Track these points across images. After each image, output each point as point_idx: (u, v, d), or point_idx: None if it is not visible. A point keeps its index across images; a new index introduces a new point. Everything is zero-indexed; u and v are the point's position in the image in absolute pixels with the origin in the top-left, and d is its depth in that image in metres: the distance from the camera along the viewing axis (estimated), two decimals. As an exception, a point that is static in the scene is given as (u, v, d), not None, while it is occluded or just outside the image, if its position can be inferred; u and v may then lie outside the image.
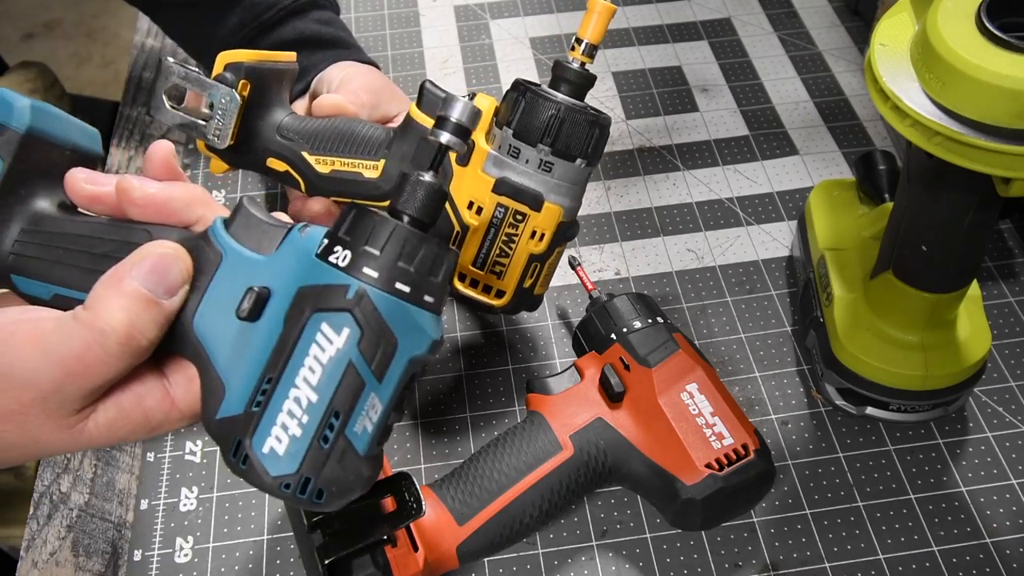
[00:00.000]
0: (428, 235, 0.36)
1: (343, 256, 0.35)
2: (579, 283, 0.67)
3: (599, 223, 0.73)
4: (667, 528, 0.56)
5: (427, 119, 0.54)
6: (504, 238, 0.53)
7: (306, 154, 0.58)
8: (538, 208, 0.52)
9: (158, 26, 0.81)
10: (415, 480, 0.47)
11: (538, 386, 0.56)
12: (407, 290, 0.35)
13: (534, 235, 0.53)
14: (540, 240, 0.53)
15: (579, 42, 0.52)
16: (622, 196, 0.75)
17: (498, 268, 0.54)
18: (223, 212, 0.40)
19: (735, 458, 0.51)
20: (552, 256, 0.55)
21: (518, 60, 0.86)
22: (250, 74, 0.57)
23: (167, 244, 0.38)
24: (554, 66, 0.53)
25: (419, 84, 0.55)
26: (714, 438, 0.51)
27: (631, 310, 0.57)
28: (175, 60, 0.56)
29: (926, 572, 0.54)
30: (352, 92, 0.62)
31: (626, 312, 0.57)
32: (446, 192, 0.37)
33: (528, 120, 0.51)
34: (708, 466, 0.51)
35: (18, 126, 0.40)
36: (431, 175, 0.37)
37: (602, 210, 0.73)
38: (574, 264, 0.63)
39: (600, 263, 0.70)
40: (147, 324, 0.36)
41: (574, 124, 0.51)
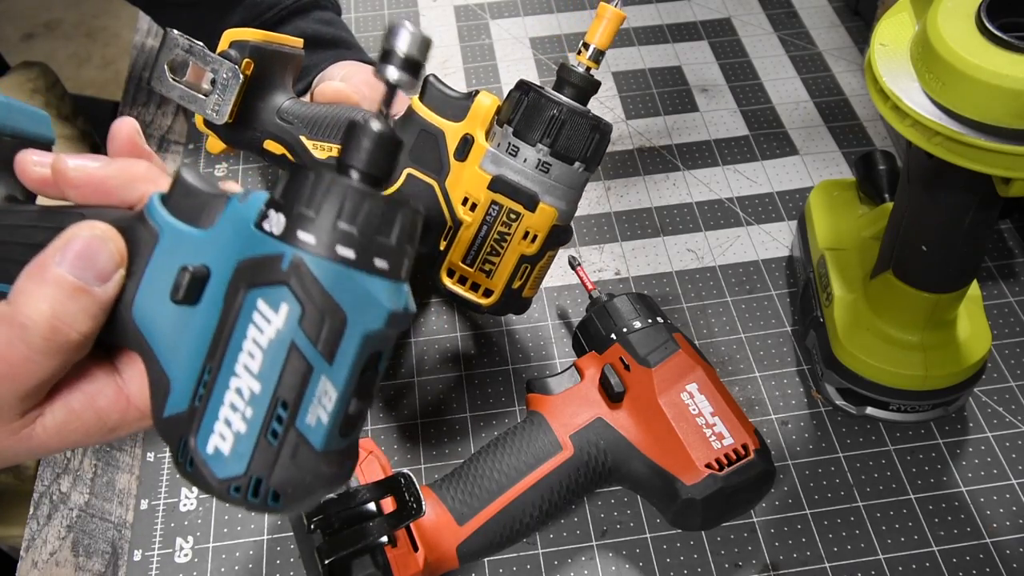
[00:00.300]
0: (376, 191, 0.31)
1: (277, 221, 0.31)
2: (579, 283, 0.67)
3: (599, 223, 0.73)
4: (667, 528, 0.56)
5: (429, 112, 0.54)
6: (496, 236, 0.53)
7: (304, 138, 0.57)
8: (532, 208, 0.52)
9: (159, 26, 0.81)
10: (415, 480, 0.47)
11: (538, 386, 0.56)
12: (351, 255, 0.30)
13: (527, 236, 0.53)
14: (532, 241, 0.53)
15: (586, 47, 0.52)
16: (622, 196, 0.75)
17: (488, 267, 0.54)
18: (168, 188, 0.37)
19: (735, 458, 0.51)
20: (543, 259, 0.55)
21: (518, 60, 0.86)
22: (254, 53, 0.56)
23: (95, 225, 0.34)
24: (559, 69, 0.53)
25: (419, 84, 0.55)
26: (714, 438, 0.51)
27: (631, 310, 0.57)
28: (180, 32, 0.56)
29: (926, 572, 0.54)
30: (354, 85, 0.62)
31: (626, 312, 0.57)
32: (399, 140, 0.33)
33: (529, 119, 0.51)
34: (708, 466, 0.51)
35: None
36: (380, 120, 0.32)
37: (602, 210, 0.73)
38: (574, 264, 0.63)
39: (600, 263, 0.70)
40: (76, 315, 0.32)
41: (575, 127, 0.51)
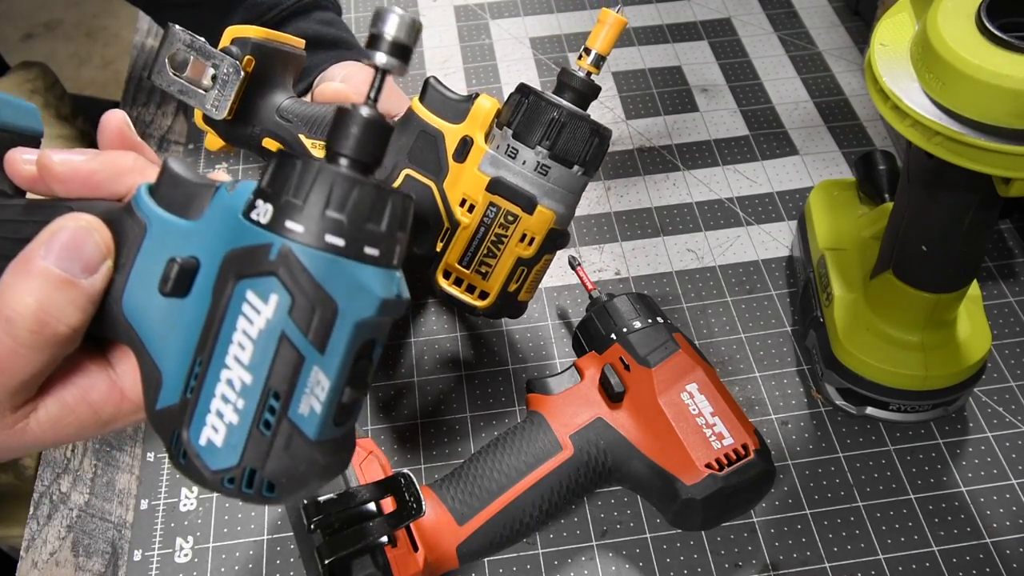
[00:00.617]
0: (365, 178, 0.31)
1: (264, 211, 0.30)
2: (579, 283, 0.67)
3: (599, 223, 0.73)
4: (667, 528, 0.56)
5: (428, 114, 0.54)
6: (493, 238, 0.53)
7: (303, 137, 0.57)
8: (530, 211, 0.52)
9: (160, 26, 0.81)
10: (415, 480, 0.47)
11: (538, 386, 0.56)
12: (340, 243, 0.30)
13: (524, 238, 0.53)
14: (529, 244, 0.53)
15: (587, 52, 0.52)
16: (622, 196, 0.75)
17: (484, 269, 0.54)
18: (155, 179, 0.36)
19: (735, 458, 0.51)
20: (540, 263, 0.55)
21: (518, 60, 0.86)
22: (256, 50, 0.56)
23: (80, 217, 0.34)
24: (560, 73, 0.53)
25: (420, 83, 0.55)
26: (714, 438, 0.51)
27: (631, 310, 0.57)
28: (182, 28, 0.56)
29: (926, 572, 0.54)
30: (354, 86, 0.62)
31: (626, 312, 0.57)
32: (390, 126, 0.32)
33: (529, 122, 0.51)
34: (708, 466, 0.51)
35: None
36: (369, 106, 0.32)
37: (602, 210, 0.73)
38: (574, 264, 0.63)
39: (600, 263, 0.70)
40: (63, 307, 0.32)
41: (575, 130, 0.51)
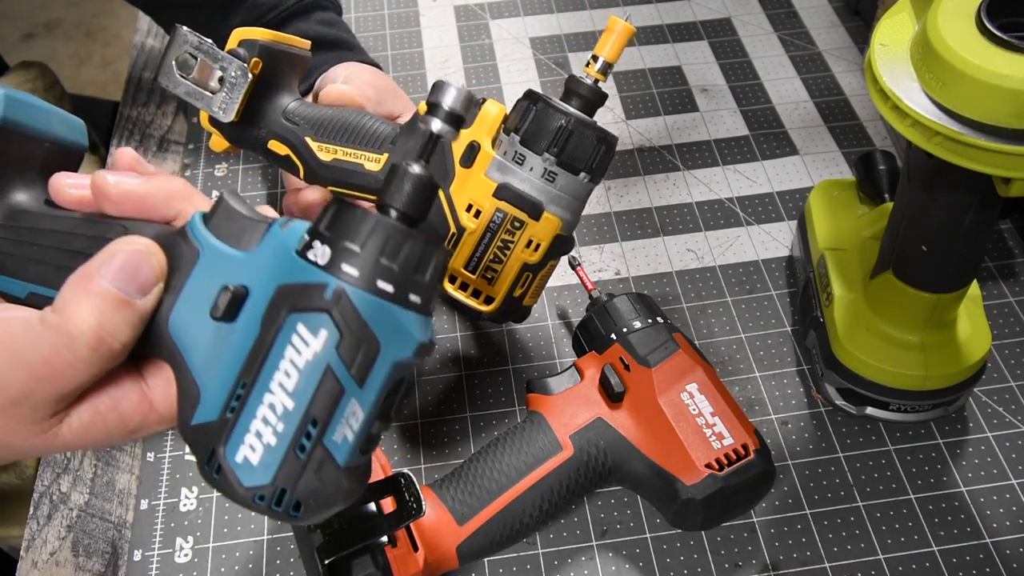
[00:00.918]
0: (415, 231, 0.33)
1: (322, 253, 0.33)
2: (579, 283, 0.67)
3: (599, 223, 0.73)
4: (667, 528, 0.56)
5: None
6: (499, 244, 0.53)
7: (309, 140, 0.58)
8: (537, 217, 0.52)
9: (160, 27, 0.81)
10: (415, 480, 0.47)
11: (538, 386, 0.56)
12: (390, 289, 0.32)
13: (530, 244, 0.53)
14: (535, 250, 0.53)
15: (595, 59, 0.52)
16: (622, 196, 0.75)
17: (490, 274, 0.54)
18: (206, 206, 0.38)
19: (735, 458, 0.51)
20: (545, 268, 0.55)
21: (518, 60, 0.86)
22: (263, 53, 0.56)
23: (138, 240, 0.36)
24: (568, 80, 0.53)
25: (420, 83, 0.55)
26: (714, 438, 0.51)
27: (631, 310, 0.57)
28: (189, 29, 0.55)
29: (926, 572, 0.54)
30: (358, 87, 0.62)
31: (626, 312, 0.57)
32: (437, 184, 0.35)
33: (537, 128, 0.51)
34: (708, 466, 0.51)
35: None
36: (420, 166, 0.34)
37: (602, 210, 0.73)
38: (574, 264, 0.63)
39: (600, 263, 0.70)
40: (118, 326, 0.34)
41: (582, 137, 0.51)
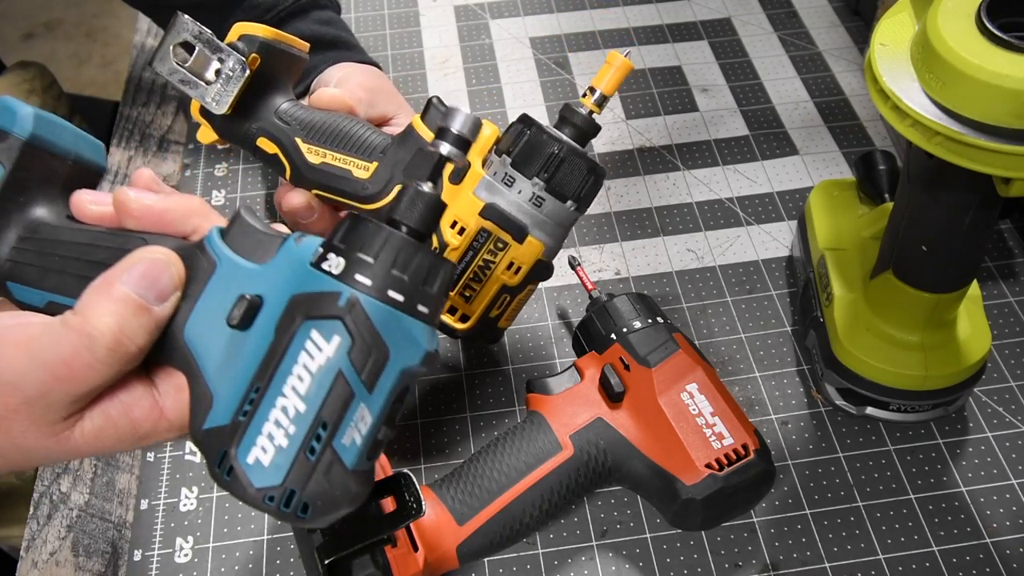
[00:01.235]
0: (424, 245, 0.35)
1: (336, 263, 0.34)
2: (579, 283, 0.67)
3: (599, 223, 0.73)
4: (667, 528, 0.56)
5: (428, 132, 0.55)
6: (481, 263, 0.53)
7: (300, 140, 0.57)
8: (521, 239, 0.53)
9: (160, 27, 0.81)
10: (415, 480, 0.47)
11: (538, 386, 0.56)
12: (400, 299, 0.34)
13: (511, 266, 0.53)
14: (516, 273, 0.54)
15: (592, 91, 0.53)
16: (622, 196, 0.75)
17: (468, 292, 0.54)
18: (222, 223, 0.40)
19: (735, 458, 0.51)
20: (523, 292, 0.56)
21: (518, 60, 0.86)
22: (262, 49, 0.56)
23: (159, 250, 0.37)
24: (563, 108, 0.54)
25: (420, 83, 0.55)
26: (714, 438, 0.51)
27: (631, 310, 0.57)
28: (190, 18, 0.55)
29: (926, 572, 0.54)
30: (349, 89, 0.62)
31: (626, 312, 0.57)
32: (444, 204, 0.36)
33: (529, 152, 0.52)
34: (708, 466, 0.51)
35: (20, 133, 0.40)
36: (430, 186, 0.36)
37: (602, 210, 0.73)
38: (574, 264, 0.63)
39: (600, 263, 0.70)
40: (136, 330, 0.35)
41: (573, 166, 0.52)
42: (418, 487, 0.46)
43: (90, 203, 0.41)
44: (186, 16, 0.55)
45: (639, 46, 0.87)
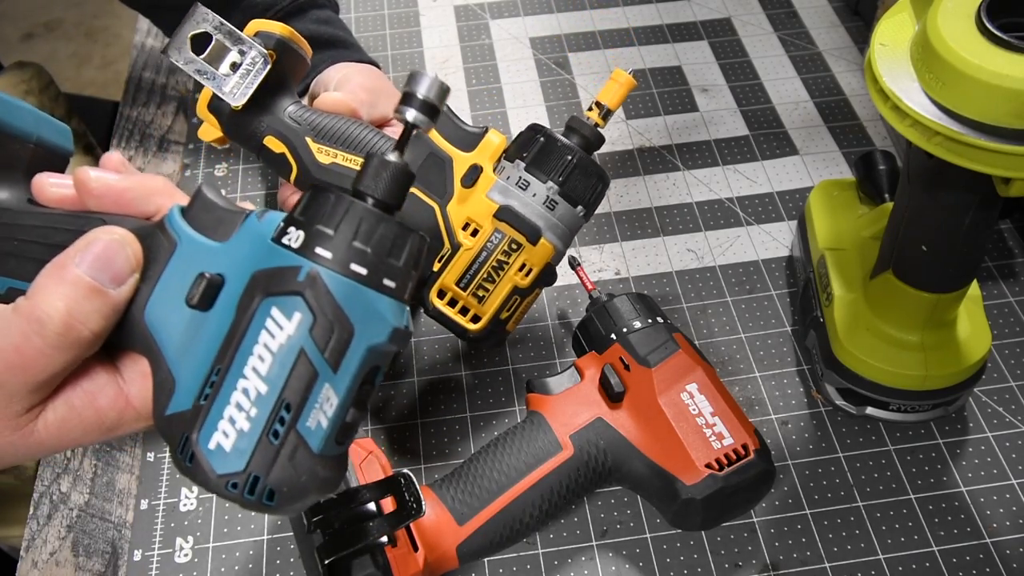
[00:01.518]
0: (390, 216, 0.34)
1: (296, 237, 0.33)
2: (579, 283, 0.67)
3: (599, 223, 0.73)
4: (667, 528, 0.56)
5: (440, 138, 0.56)
6: (494, 264, 0.54)
7: (310, 140, 0.58)
8: (534, 241, 0.53)
9: (159, 29, 0.81)
10: (415, 480, 0.47)
11: (538, 386, 0.56)
12: (363, 272, 0.33)
13: (523, 268, 0.54)
14: (527, 275, 0.54)
15: (599, 106, 0.56)
16: (622, 196, 0.75)
17: (481, 292, 0.54)
18: (185, 202, 0.38)
19: (735, 458, 0.51)
20: (531, 295, 0.56)
21: (518, 60, 0.86)
22: (279, 47, 0.56)
23: (114, 230, 0.36)
24: (571, 119, 0.56)
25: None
26: (714, 438, 0.51)
27: (631, 310, 0.57)
28: (208, 8, 0.55)
29: (926, 572, 0.54)
30: (350, 91, 0.62)
31: (626, 312, 0.57)
32: (412, 174, 0.35)
33: (544, 157, 0.54)
34: (708, 466, 0.51)
35: None
36: (396, 155, 0.35)
37: (602, 210, 0.73)
38: (574, 264, 0.63)
39: (600, 263, 0.70)
40: (90, 314, 0.34)
41: (585, 172, 0.54)
42: (418, 487, 0.46)
43: (51, 185, 0.39)
44: (204, 7, 0.54)
45: (639, 46, 0.87)
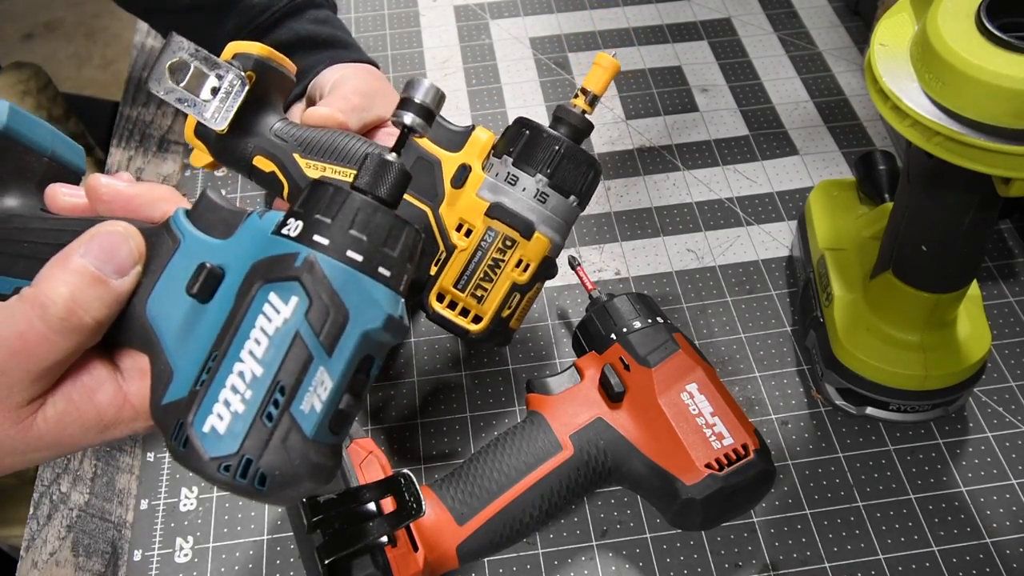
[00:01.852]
0: (386, 208, 0.35)
1: (295, 227, 0.34)
2: (579, 283, 0.67)
3: (599, 223, 0.73)
4: (667, 528, 0.56)
5: (426, 141, 0.55)
6: (490, 262, 0.53)
7: (298, 156, 0.57)
8: (528, 236, 0.53)
9: (156, 31, 0.81)
10: (415, 480, 0.47)
11: (538, 386, 0.56)
12: (359, 259, 0.34)
13: (520, 264, 0.54)
14: (525, 270, 0.54)
15: (584, 92, 0.55)
16: (622, 196, 0.75)
17: (480, 292, 0.54)
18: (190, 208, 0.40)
19: (735, 458, 0.51)
20: (532, 290, 0.56)
21: (518, 60, 0.86)
22: (257, 67, 0.56)
23: (118, 223, 0.37)
24: (557, 109, 0.55)
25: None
26: (714, 438, 0.51)
27: (631, 310, 0.57)
28: (183, 37, 0.55)
29: (926, 572, 0.54)
30: (343, 98, 0.62)
31: (626, 312, 0.57)
32: (408, 174, 0.36)
33: (531, 150, 0.53)
34: (708, 466, 0.51)
35: None
36: (394, 156, 0.36)
37: (602, 210, 0.73)
38: (574, 264, 0.63)
39: (600, 263, 0.70)
40: (92, 301, 0.35)
41: (574, 161, 0.53)
42: (418, 487, 0.46)
43: (63, 194, 0.41)
44: (179, 36, 0.55)
45: (639, 46, 0.87)
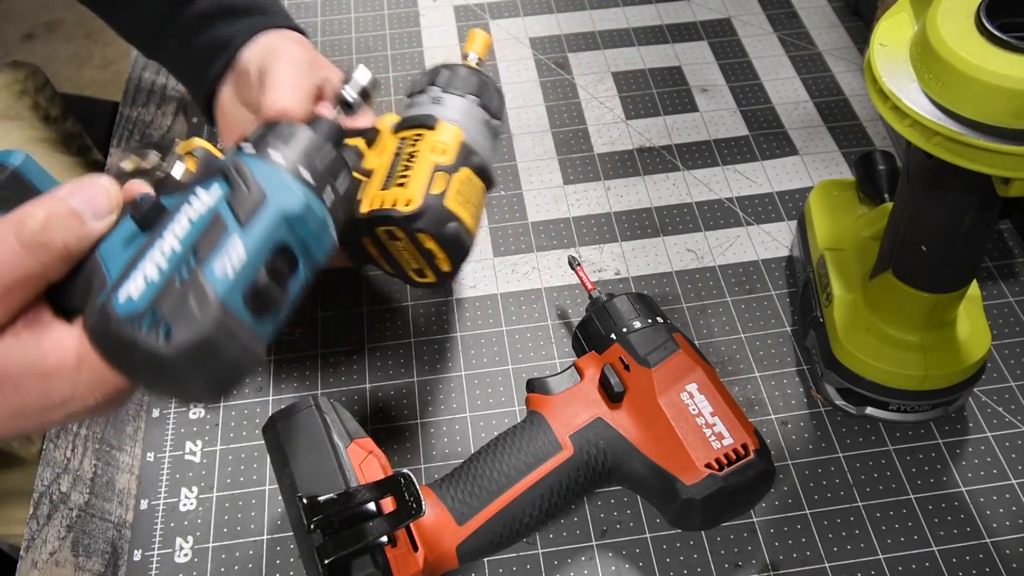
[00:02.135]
0: (311, 130, 0.43)
1: (247, 147, 0.40)
2: (579, 283, 0.67)
3: (599, 223, 0.73)
4: (667, 528, 0.56)
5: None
6: (406, 158, 0.54)
7: None
8: (432, 125, 0.55)
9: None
10: (415, 480, 0.47)
11: (538, 386, 0.56)
12: (281, 161, 0.39)
13: (436, 149, 0.54)
14: (443, 153, 0.54)
15: (465, 56, 0.59)
16: (622, 196, 0.75)
17: (402, 180, 0.52)
18: None
19: (735, 458, 0.51)
20: (461, 173, 0.53)
21: (518, 60, 0.86)
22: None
23: (103, 176, 0.40)
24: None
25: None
26: (714, 438, 0.51)
27: (631, 310, 0.57)
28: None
29: (926, 572, 0.54)
30: (288, 87, 0.56)
31: (626, 312, 0.57)
32: (343, 131, 0.45)
33: (417, 80, 0.58)
34: (708, 466, 0.51)
35: (11, 164, 0.43)
36: (332, 113, 0.47)
37: (602, 210, 0.73)
38: (574, 264, 0.63)
39: (600, 263, 0.70)
40: (65, 229, 0.37)
41: (455, 69, 0.57)
42: (418, 487, 0.46)
43: None
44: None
45: (639, 46, 0.87)
